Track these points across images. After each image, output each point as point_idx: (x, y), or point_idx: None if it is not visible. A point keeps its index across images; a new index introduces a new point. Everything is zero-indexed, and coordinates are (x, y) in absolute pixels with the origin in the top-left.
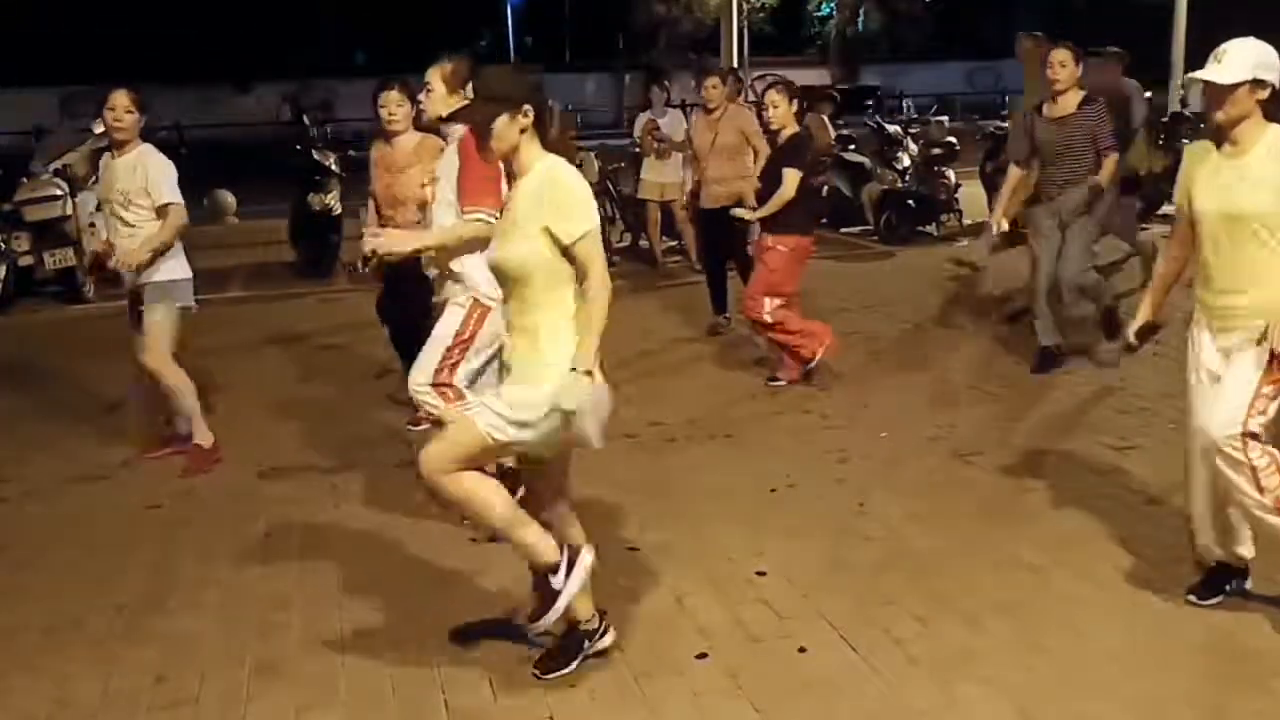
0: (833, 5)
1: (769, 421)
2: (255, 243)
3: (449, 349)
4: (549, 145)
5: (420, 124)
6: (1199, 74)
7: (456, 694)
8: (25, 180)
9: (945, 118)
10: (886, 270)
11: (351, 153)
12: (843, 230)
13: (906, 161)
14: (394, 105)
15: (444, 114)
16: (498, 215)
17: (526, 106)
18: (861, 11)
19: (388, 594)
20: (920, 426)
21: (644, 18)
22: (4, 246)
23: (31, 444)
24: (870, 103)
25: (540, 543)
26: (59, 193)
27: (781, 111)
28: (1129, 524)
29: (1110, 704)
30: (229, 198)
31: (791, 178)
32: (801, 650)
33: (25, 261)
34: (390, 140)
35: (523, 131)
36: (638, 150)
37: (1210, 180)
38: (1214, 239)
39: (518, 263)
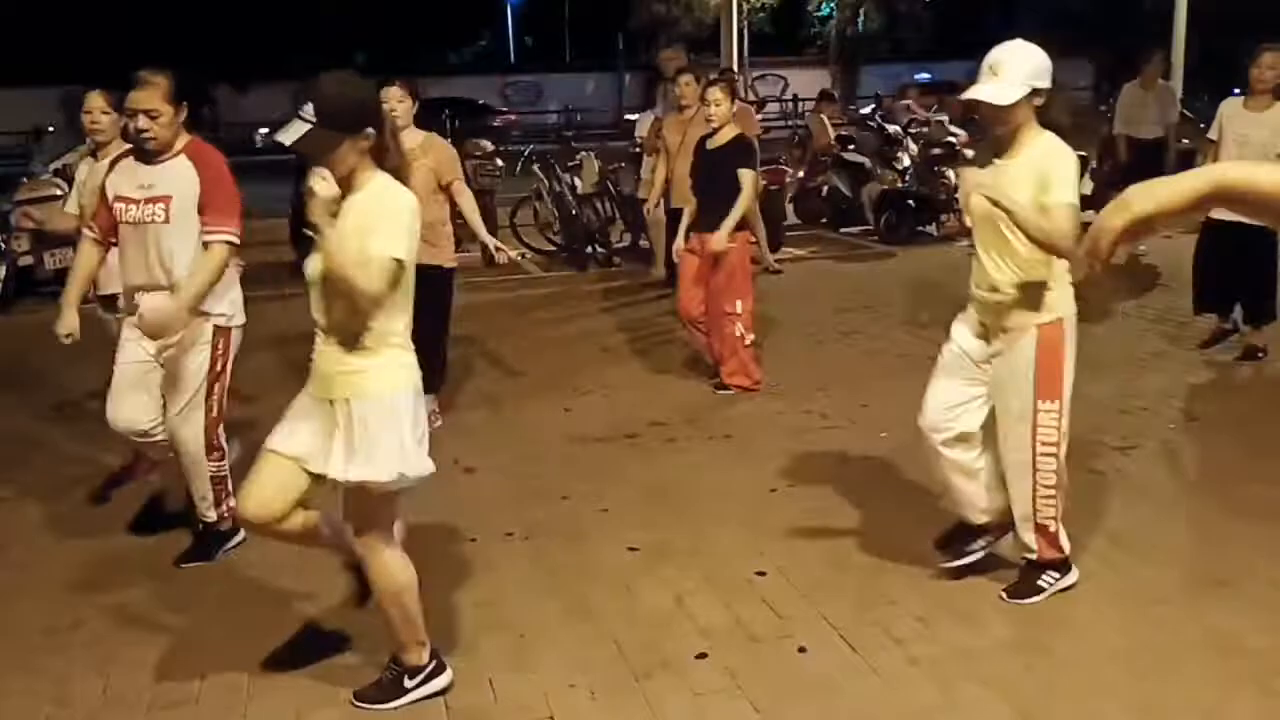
0: (833, 5)
1: (769, 421)
2: (255, 243)
3: (208, 393)
4: (387, 164)
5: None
6: (975, 94)
7: (456, 694)
8: (25, 180)
9: (945, 117)
10: (886, 270)
11: None
12: (843, 230)
13: (906, 161)
14: (395, 101)
15: (171, 137)
16: (238, 237)
17: (370, 130)
18: (861, 11)
19: None
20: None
21: (644, 18)
22: (4, 246)
23: (31, 444)
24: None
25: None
26: (59, 193)
27: (724, 110)
28: (1129, 524)
29: (1110, 704)
30: None
31: (751, 180)
32: (801, 650)
33: (25, 261)
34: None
35: (362, 154)
36: (638, 150)
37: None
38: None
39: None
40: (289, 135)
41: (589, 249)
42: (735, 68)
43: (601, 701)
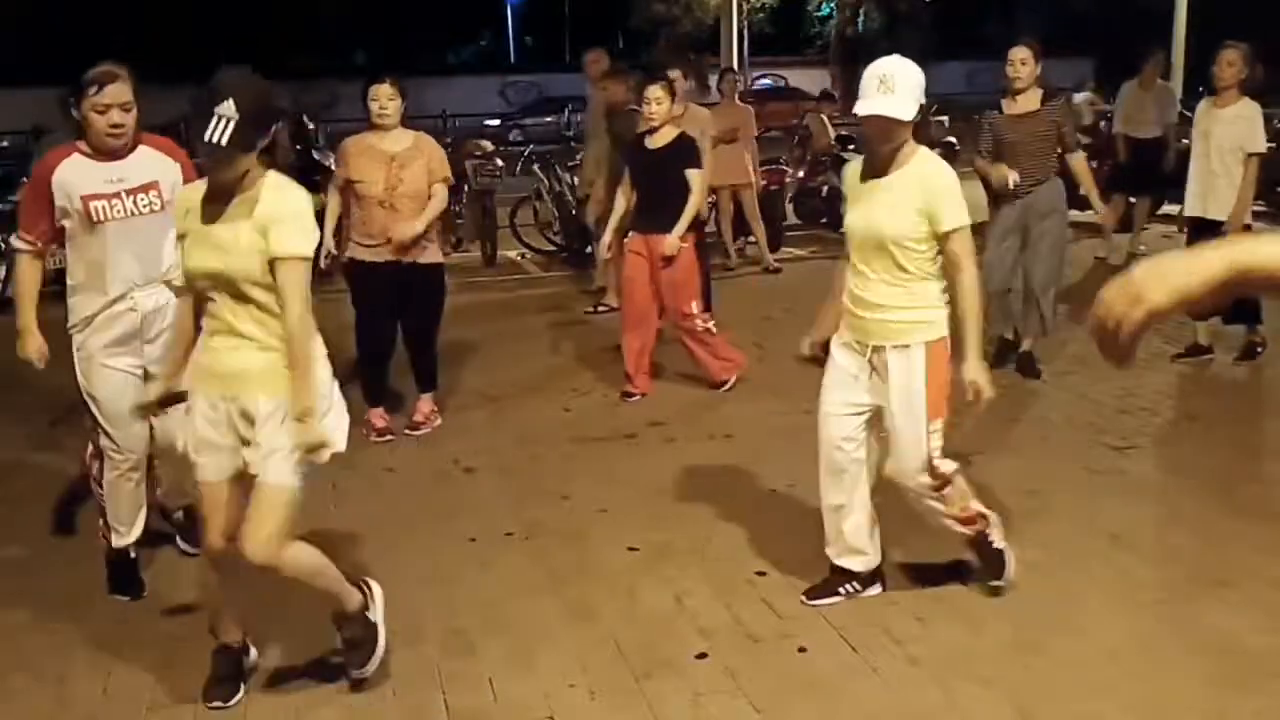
0: (833, 5)
1: (768, 421)
2: None
3: None
4: (278, 160)
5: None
6: (876, 109)
7: (456, 694)
8: (25, 180)
9: (945, 118)
10: None
11: None
12: (843, 230)
13: None
14: (385, 99)
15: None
16: None
17: (277, 125)
18: (861, 11)
19: (388, 594)
20: None
21: (644, 18)
22: (4, 246)
23: (31, 444)
24: None
25: (347, 587)
26: None
27: (665, 109)
28: (1129, 524)
29: (1110, 704)
30: None
31: (701, 180)
32: (801, 650)
33: None
34: (381, 133)
35: (262, 152)
36: None
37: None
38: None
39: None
40: (220, 133)
41: (589, 249)
42: (735, 68)
43: (601, 701)
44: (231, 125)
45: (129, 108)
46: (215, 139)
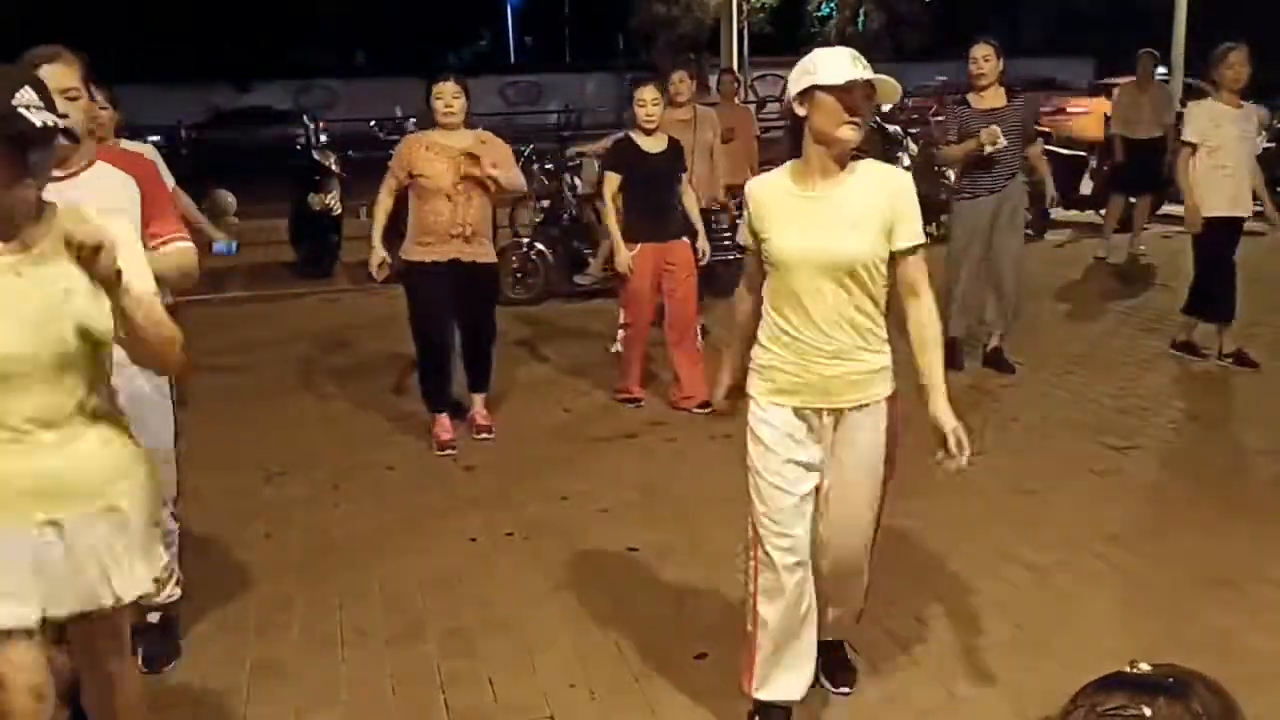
0: (833, 5)
1: None
2: (255, 243)
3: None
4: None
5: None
6: (870, 74)
7: (456, 694)
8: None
9: (945, 118)
10: None
11: (351, 153)
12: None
13: (906, 161)
14: (450, 97)
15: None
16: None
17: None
18: (861, 11)
19: (388, 594)
20: (919, 427)
21: (644, 18)
22: None
23: None
24: None
25: None
26: None
27: (660, 111)
28: (1129, 524)
29: None
30: (229, 198)
31: (691, 186)
32: None
33: None
34: (446, 132)
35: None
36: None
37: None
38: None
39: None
40: (52, 118)
41: (589, 249)
42: (734, 68)
43: (601, 701)
44: (46, 111)
45: (74, 96)
46: (52, 123)
